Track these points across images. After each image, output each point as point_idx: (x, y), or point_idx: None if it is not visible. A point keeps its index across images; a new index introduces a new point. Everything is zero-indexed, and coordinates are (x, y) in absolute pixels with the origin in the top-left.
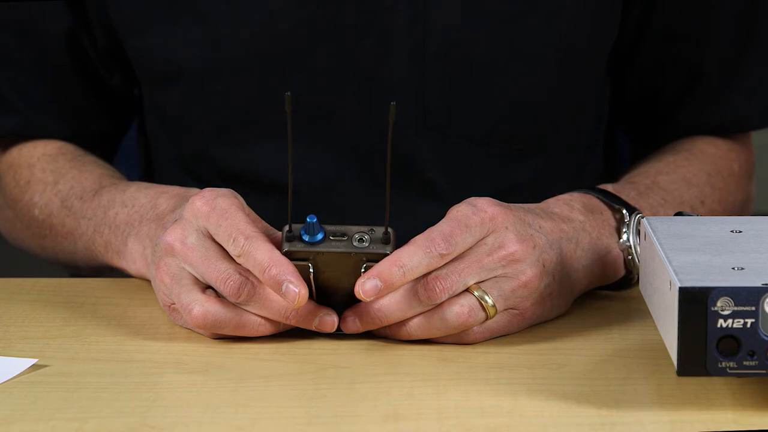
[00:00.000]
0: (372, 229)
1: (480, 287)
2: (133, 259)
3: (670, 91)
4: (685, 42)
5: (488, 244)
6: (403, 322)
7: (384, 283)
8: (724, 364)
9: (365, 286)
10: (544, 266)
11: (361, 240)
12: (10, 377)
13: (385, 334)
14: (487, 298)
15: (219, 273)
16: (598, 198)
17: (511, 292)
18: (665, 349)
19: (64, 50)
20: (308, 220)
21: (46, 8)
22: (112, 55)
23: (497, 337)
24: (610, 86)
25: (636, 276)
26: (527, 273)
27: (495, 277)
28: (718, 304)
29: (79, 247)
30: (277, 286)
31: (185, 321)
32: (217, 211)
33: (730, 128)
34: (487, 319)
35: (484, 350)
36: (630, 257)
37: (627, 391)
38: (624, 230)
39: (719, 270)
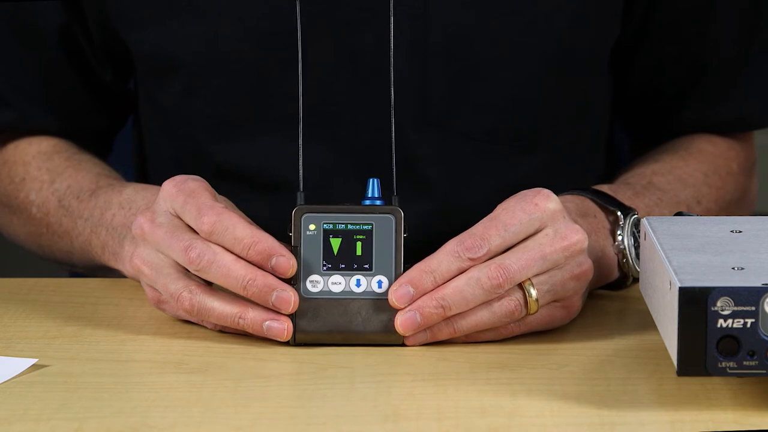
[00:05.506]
0: None
1: (529, 280)
2: (129, 260)
3: (672, 88)
4: (687, 39)
5: (549, 235)
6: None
7: (416, 290)
8: (724, 364)
9: (398, 293)
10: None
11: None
12: (10, 377)
13: (422, 340)
14: (532, 291)
15: (182, 242)
16: (592, 200)
17: (561, 285)
18: (665, 349)
19: (58, 46)
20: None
21: (40, 4)
22: (107, 50)
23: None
24: (612, 84)
25: (630, 278)
26: (584, 265)
27: (552, 269)
28: (718, 304)
29: (76, 247)
30: (266, 261)
31: (176, 311)
32: (184, 192)
33: (732, 126)
34: (527, 314)
35: (484, 350)
36: (624, 260)
37: (627, 391)
38: (618, 232)
39: (719, 270)
